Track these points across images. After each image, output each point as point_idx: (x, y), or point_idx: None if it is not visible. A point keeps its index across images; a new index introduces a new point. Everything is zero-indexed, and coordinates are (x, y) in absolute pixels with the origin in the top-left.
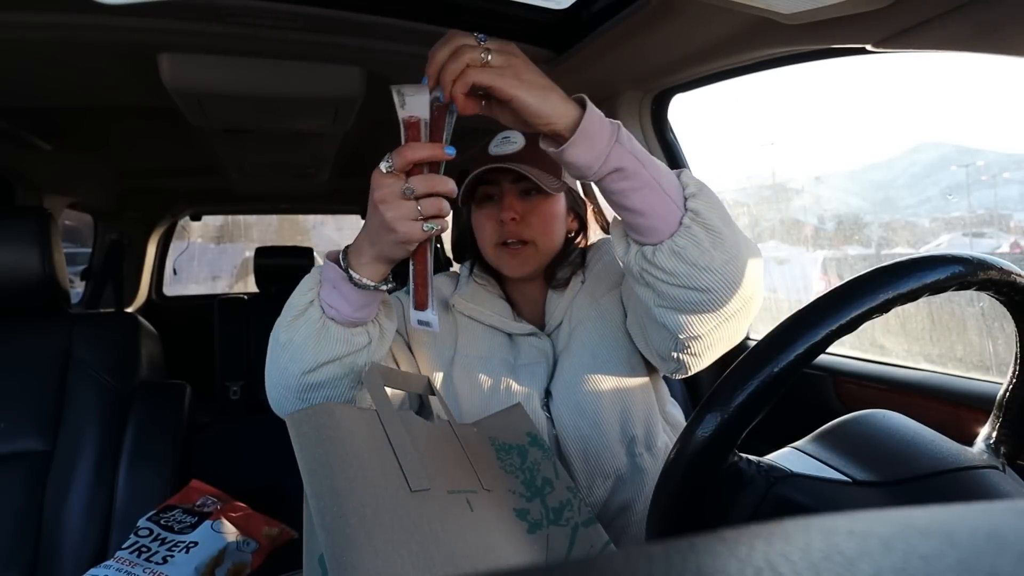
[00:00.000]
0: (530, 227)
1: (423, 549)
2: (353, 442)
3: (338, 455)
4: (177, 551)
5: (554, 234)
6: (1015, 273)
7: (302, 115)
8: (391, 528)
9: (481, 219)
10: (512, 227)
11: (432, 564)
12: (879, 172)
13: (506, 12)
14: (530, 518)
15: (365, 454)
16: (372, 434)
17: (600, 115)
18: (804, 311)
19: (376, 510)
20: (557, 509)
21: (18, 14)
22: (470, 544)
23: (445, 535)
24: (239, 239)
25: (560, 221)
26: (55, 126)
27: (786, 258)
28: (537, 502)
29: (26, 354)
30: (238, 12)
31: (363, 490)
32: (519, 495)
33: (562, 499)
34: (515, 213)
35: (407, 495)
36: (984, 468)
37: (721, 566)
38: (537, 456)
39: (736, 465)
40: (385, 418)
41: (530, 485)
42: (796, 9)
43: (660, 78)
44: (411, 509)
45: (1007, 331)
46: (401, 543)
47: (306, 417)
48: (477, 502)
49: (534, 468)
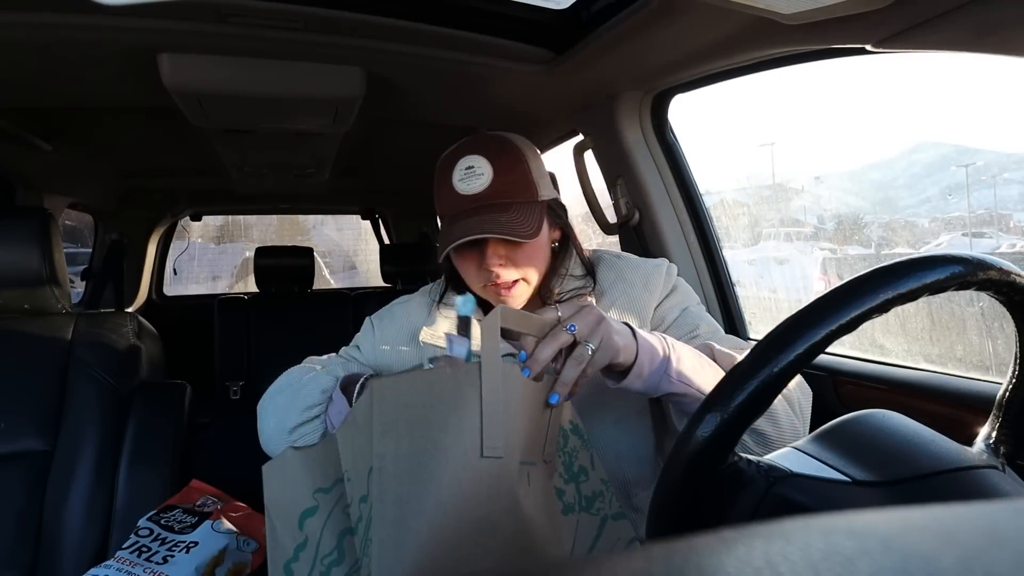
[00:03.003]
0: (517, 268)
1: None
2: (434, 406)
3: (409, 420)
4: (177, 551)
5: (542, 264)
6: (1015, 273)
7: (302, 115)
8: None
9: (464, 264)
10: (500, 272)
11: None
12: (879, 172)
13: (506, 12)
14: (565, 499)
15: (442, 416)
16: (460, 392)
17: (652, 352)
18: (804, 311)
19: (435, 473)
20: (590, 498)
21: (18, 14)
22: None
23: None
24: (239, 239)
25: (545, 248)
26: (55, 126)
27: (786, 258)
28: (572, 486)
29: (26, 354)
30: (238, 12)
31: (428, 454)
32: (560, 475)
33: (595, 489)
34: (500, 260)
35: (476, 460)
36: (984, 468)
37: (721, 566)
38: (576, 444)
39: (736, 465)
40: (486, 372)
41: (568, 468)
42: (796, 9)
43: (660, 78)
44: (476, 475)
45: (1007, 331)
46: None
47: (390, 382)
48: (534, 475)
49: (573, 454)
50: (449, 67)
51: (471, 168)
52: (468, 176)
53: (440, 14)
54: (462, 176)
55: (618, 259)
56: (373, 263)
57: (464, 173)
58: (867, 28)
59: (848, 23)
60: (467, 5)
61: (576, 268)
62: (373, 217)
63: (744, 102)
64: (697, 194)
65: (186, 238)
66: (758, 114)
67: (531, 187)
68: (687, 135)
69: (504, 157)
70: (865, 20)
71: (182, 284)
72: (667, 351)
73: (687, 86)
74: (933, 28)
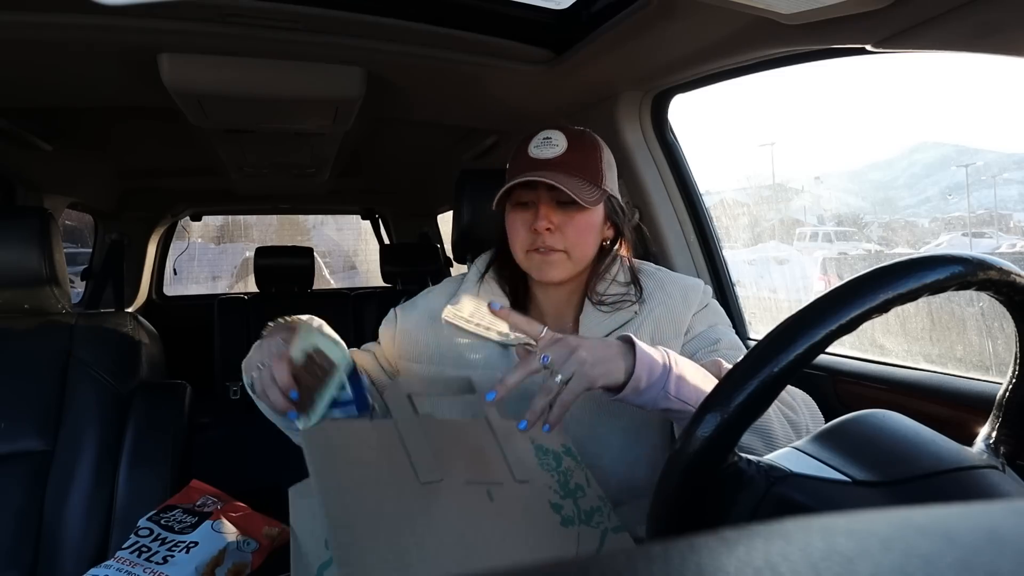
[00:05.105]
0: (565, 238)
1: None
2: (363, 448)
3: (346, 460)
4: (177, 551)
5: (589, 246)
6: (1015, 273)
7: (302, 115)
8: (396, 517)
9: (515, 223)
10: (546, 236)
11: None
12: (879, 172)
13: (506, 12)
14: (563, 512)
15: (375, 456)
16: (385, 439)
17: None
18: (804, 311)
19: (380, 502)
20: (588, 512)
21: (18, 14)
22: (485, 531)
23: (458, 522)
24: (239, 239)
25: (596, 232)
26: (55, 126)
27: (786, 258)
28: (570, 501)
29: (26, 354)
30: (238, 12)
31: (370, 487)
32: (554, 490)
33: (593, 505)
34: (550, 224)
35: (416, 487)
36: (984, 468)
37: (721, 566)
38: (570, 464)
39: (736, 465)
40: (402, 423)
41: (564, 486)
42: (796, 9)
43: (660, 78)
44: (419, 499)
45: (1007, 331)
46: (407, 531)
47: (319, 431)
48: (501, 493)
49: (567, 473)
50: (449, 67)
51: (548, 138)
52: (544, 144)
53: (440, 14)
54: (538, 144)
55: (657, 271)
56: (373, 263)
57: (541, 141)
58: (867, 28)
59: (848, 23)
60: (467, 5)
61: (621, 276)
62: (373, 217)
63: (744, 102)
64: (697, 194)
65: (186, 238)
66: (758, 114)
67: (599, 174)
68: (687, 135)
69: (581, 139)
70: (865, 20)
71: (182, 284)
72: (668, 364)
73: (687, 86)
74: (933, 28)
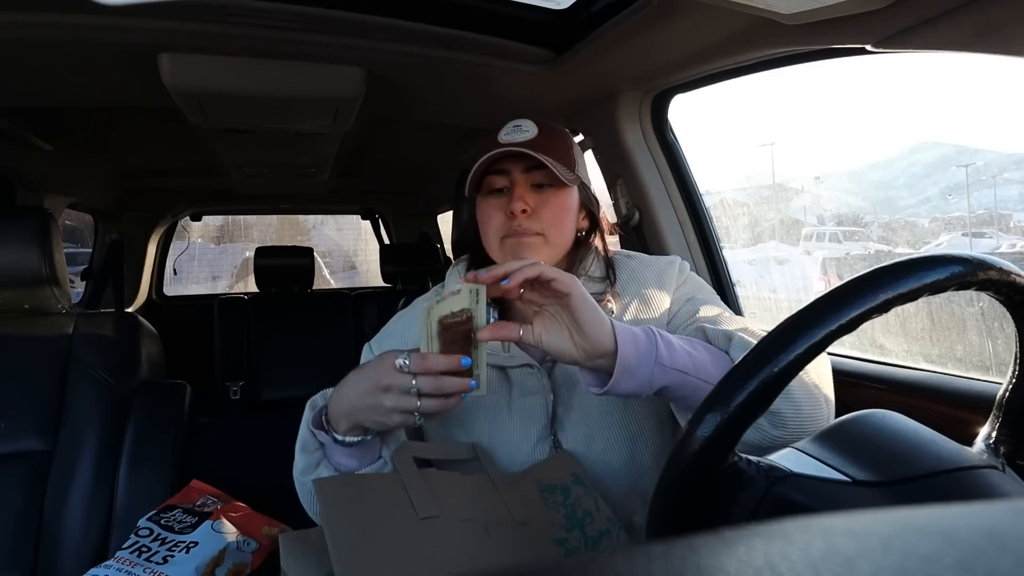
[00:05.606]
0: (541, 220)
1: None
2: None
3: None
4: (177, 551)
5: (566, 229)
6: (1015, 273)
7: (302, 115)
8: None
9: (488, 209)
10: (523, 220)
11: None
12: (879, 172)
13: (506, 12)
14: (568, 545)
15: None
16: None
17: (636, 339)
18: (804, 311)
19: (381, 538)
20: (595, 538)
21: (18, 14)
22: (481, 563)
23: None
24: (239, 239)
25: (572, 216)
26: (55, 126)
27: (786, 258)
28: (577, 532)
29: (26, 354)
30: (238, 12)
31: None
32: (559, 527)
33: (601, 528)
34: (526, 205)
35: (415, 523)
36: (984, 468)
37: (721, 566)
38: (579, 493)
39: (736, 465)
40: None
41: (571, 518)
42: (796, 9)
43: (660, 78)
44: (417, 534)
45: (1007, 331)
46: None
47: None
48: (498, 530)
49: (576, 503)
50: (449, 67)
51: (518, 126)
52: (514, 130)
53: (440, 14)
54: (508, 131)
55: (629, 258)
56: (373, 263)
57: (512, 128)
58: (867, 28)
59: (848, 23)
60: (467, 5)
61: (595, 270)
62: (373, 217)
63: (744, 102)
64: (697, 194)
65: (186, 238)
66: (758, 114)
67: (571, 159)
68: (687, 135)
69: (551, 127)
70: (865, 20)
71: (182, 284)
72: (652, 334)
73: (687, 86)
74: (933, 28)
